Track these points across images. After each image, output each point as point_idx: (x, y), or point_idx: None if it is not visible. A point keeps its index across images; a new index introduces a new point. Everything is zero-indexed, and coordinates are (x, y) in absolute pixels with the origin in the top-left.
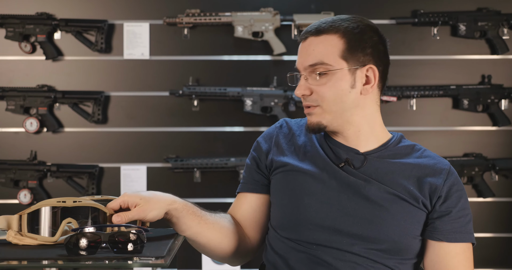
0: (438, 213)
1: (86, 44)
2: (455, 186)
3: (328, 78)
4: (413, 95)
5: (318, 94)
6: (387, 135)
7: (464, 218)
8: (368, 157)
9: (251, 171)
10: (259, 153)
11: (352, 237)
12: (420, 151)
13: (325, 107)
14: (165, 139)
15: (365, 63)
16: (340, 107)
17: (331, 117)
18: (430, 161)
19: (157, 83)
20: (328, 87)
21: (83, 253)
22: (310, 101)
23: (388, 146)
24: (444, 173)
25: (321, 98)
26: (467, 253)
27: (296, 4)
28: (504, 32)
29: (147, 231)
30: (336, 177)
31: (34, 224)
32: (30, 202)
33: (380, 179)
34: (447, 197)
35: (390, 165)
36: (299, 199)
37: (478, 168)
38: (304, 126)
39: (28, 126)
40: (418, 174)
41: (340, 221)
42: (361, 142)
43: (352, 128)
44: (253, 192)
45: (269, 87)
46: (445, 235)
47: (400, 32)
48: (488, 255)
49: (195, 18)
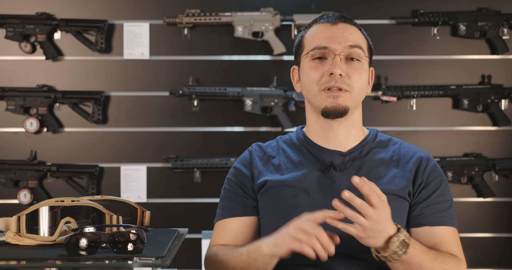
0: (418, 198)
1: (86, 44)
2: (434, 173)
3: (360, 65)
4: (413, 95)
5: (351, 78)
6: (365, 131)
7: (445, 203)
8: (352, 156)
9: (238, 196)
10: (241, 178)
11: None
12: (398, 143)
13: (354, 94)
14: (165, 139)
15: (370, 64)
16: (362, 96)
17: (355, 104)
18: (409, 151)
19: (157, 83)
20: (360, 74)
21: (83, 253)
22: (343, 84)
23: (367, 142)
24: (424, 161)
25: (354, 83)
26: (454, 235)
27: (296, 4)
28: (504, 32)
29: (147, 231)
30: (320, 185)
31: (33, 224)
32: (30, 202)
33: (365, 177)
34: (427, 183)
35: (372, 162)
36: (288, 213)
37: (478, 168)
38: (277, 146)
39: (28, 126)
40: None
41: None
42: (348, 137)
43: (350, 119)
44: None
45: (269, 87)
46: (427, 219)
47: (400, 32)
48: (488, 255)
49: (195, 18)
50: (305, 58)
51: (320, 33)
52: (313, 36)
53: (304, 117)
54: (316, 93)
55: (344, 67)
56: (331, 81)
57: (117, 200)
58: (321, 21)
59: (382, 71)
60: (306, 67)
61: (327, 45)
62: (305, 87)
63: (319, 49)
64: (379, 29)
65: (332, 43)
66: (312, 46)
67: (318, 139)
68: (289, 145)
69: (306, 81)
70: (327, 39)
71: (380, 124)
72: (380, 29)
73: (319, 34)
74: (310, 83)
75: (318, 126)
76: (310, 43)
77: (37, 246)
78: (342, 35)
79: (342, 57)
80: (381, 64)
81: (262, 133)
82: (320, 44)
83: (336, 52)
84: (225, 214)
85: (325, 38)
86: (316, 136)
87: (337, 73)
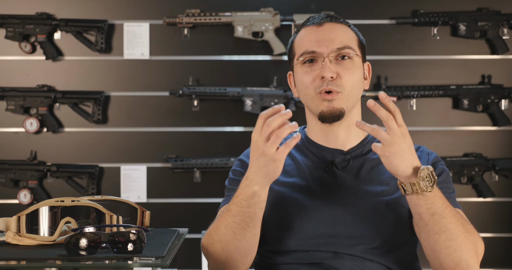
0: None
1: (86, 44)
2: (437, 163)
3: (351, 63)
4: (413, 95)
5: (343, 78)
6: None
7: (447, 190)
8: (353, 155)
9: None
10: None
11: (345, 238)
12: None
13: (346, 93)
14: (165, 139)
15: (365, 59)
16: (356, 94)
17: (350, 104)
18: None
19: (157, 83)
20: (352, 73)
21: (83, 253)
22: (334, 86)
23: (368, 141)
24: (424, 153)
25: (345, 83)
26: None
27: (296, 4)
28: (504, 32)
29: (147, 231)
30: (322, 183)
31: (33, 224)
32: (30, 202)
33: (366, 175)
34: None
35: (373, 160)
36: (289, 210)
37: (478, 168)
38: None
39: (28, 126)
40: None
41: (332, 225)
42: (349, 137)
43: (349, 119)
44: None
45: (269, 87)
46: None
47: (400, 32)
48: (488, 255)
49: (195, 18)
50: (297, 64)
51: (307, 37)
52: (301, 40)
53: (304, 117)
54: (312, 97)
55: (334, 68)
56: (323, 85)
57: (117, 200)
58: (307, 24)
59: (382, 71)
60: (299, 73)
61: (314, 49)
62: (301, 92)
63: (307, 54)
64: (379, 29)
65: (319, 47)
66: (301, 51)
67: (319, 140)
68: None
69: (301, 86)
70: (314, 43)
71: (380, 124)
72: (380, 29)
73: (306, 38)
74: (305, 88)
75: (318, 128)
76: (299, 48)
77: (37, 246)
78: (328, 37)
79: (332, 58)
80: (381, 64)
81: None
82: (308, 49)
83: (324, 55)
84: (227, 199)
85: (312, 42)
86: (317, 136)
87: (327, 76)
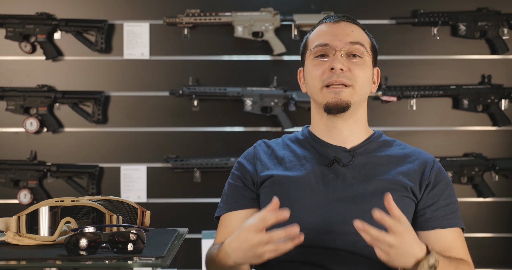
0: (426, 201)
1: (86, 44)
2: (441, 174)
3: (362, 61)
4: (413, 95)
5: (353, 73)
6: (370, 130)
7: (453, 205)
8: (355, 153)
9: (238, 189)
10: (243, 172)
11: (345, 235)
12: (402, 145)
13: (357, 88)
14: (165, 139)
15: (375, 64)
16: (365, 92)
17: (357, 99)
18: (414, 152)
19: (157, 83)
20: (363, 69)
21: (83, 253)
22: (345, 78)
23: (372, 140)
24: (430, 162)
25: (356, 78)
26: (462, 237)
27: (296, 4)
28: (504, 32)
29: (147, 231)
30: (324, 180)
31: (33, 224)
32: (30, 202)
33: (369, 173)
34: (435, 185)
35: (377, 159)
36: (290, 206)
37: (478, 168)
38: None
39: (28, 126)
40: (404, 163)
41: (332, 222)
42: (352, 135)
43: (354, 117)
44: (246, 208)
45: (269, 87)
46: (439, 222)
47: (400, 32)
48: (488, 255)
49: (195, 18)
50: (309, 57)
51: (322, 32)
52: (316, 35)
53: (304, 117)
54: (318, 89)
55: (345, 62)
56: (332, 77)
57: (117, 200)
58: (324, 21)
59: (382, 71)
60: (309, 65)
61: (328, 42)
62: (309, 84)
63: (320, 46)
64: (379, 29)
65: (333, 40)
66: (315, 43)
67: (322, 136)
68: (294, 141)
69: (309, 78)
70: (329, 37)
71: (380, 124)
72: (380, 29)
73: (321, 32)
74: (313, 80)
75: (323, 124)
76: (313, 41)
77: (37, 246)
78: (343, 32)
79: (343, 53)
80: (381, 64)
81: (262, 133)
82: (321, 42)
83: (337, 48)
84: (226, 207)
85: (326, 36)
86: (321, 132)
87: (337, 67)
